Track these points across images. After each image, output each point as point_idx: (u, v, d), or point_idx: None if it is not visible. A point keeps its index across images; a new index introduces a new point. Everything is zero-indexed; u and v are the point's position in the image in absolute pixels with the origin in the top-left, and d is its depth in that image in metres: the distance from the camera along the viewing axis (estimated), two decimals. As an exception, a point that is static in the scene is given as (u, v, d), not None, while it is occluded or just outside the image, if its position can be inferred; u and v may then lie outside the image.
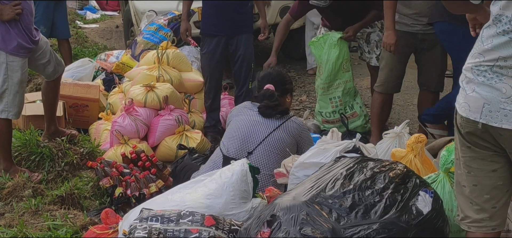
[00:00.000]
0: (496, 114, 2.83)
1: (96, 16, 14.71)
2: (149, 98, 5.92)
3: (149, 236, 3.19)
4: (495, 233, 3.06)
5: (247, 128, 4.58)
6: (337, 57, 5.85)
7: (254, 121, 4.60)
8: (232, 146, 4.51)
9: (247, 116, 4.67)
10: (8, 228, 4.13)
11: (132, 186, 4.66)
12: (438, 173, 3.62)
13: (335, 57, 5.85)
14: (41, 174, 4.97)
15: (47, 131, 5.49)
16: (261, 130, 4.55)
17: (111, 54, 8.04)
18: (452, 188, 3.47)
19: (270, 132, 4.53)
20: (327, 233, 2.91)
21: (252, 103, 4.80)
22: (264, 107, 4.62)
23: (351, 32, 5.91)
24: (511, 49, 2.77)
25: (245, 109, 4.79)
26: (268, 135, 4.51)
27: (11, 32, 4.81)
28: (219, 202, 3.56)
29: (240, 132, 4.58)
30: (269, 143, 4.49)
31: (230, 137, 4.61)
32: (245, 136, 4.54)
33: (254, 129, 4.55)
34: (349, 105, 5.99)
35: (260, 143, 4.47)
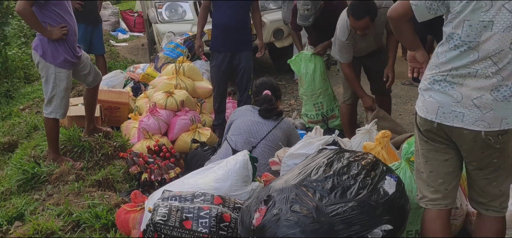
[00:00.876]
0: (448, 116, 2.84)
1: (126, 36, 14.69)
2: (169, 102, 5.91)
3: (169, 212, 3.19)
4: (447, 210, 3.07)
5: (250, 127, 4.58)
6: (314, 70, 5.88)
7: (256, 121, 4.61)
8: (239, 141, 4.50)
9: (250, 117, 4.66)
10: (56, 206, 4.13)
11: (155, 172, 4.68)
12: (400, 162, 3.62)
13: (312, 70, 5.88)
14: (82, 163, 4.97)
15: (87, 128, 5.49)
16: (262, 128, 4.56)
17: (138, 67, 8.04)
18: (412, 173, 3.47)
19: (270, 130, 4.54)
20: (312, 210, 2.92)
21: (253, 107, 4.82)
22: (264, 110, 4.64)
23: (320, 48, 5.93)
24: (461, 61, 2.77)
25: (248, 112, 4.77)
26: (268, 132, 4.53)
27: (59, 49, 4.81)
28: (225, 185, 3.59)
29: (245, 130, 4.58)
30: (269, 139, 4.51)
31: (237, 134, 4.58)
32: (249, 133, 4.55)
33: (256, 128, 4.56)
34: (330, 109, 6.00)
35: (262, 139, 4.48)
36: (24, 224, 3.89)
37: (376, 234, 2.91)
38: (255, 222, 2.99)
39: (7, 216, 4.04)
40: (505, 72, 2.70)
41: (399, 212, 3.05)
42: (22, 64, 9.76)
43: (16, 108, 7.64)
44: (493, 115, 2.75)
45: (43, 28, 4.74)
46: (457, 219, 3.63)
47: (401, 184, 3.14)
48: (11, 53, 9.64)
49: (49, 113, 4.91)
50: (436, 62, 2.91)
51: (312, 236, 2.85)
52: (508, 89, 2.72)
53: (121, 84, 7.32)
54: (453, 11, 2.75)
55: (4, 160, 5.76)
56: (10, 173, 4.96)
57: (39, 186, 4.63)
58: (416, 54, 3.08)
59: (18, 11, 4.75)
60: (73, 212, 3.97)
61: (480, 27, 2.70)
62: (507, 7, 2.63)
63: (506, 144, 2.84)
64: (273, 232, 2.90)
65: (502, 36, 2.66)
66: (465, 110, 2.79)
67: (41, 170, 4.72)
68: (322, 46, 5.93)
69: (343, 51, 5.07)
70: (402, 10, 2.85)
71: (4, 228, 3.90)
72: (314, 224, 2.87)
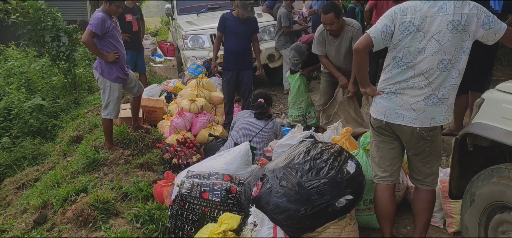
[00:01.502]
0: (393, 116, 2.85)
1: (161, 59, 14.68)
2: (192, 107, 5.90)
3: (192, 186, 3.19)
4: (392, 184, 3.08)
5: (247, 126, 4.55)
6: (299, 85, 5.87)
7: (252, 121, 4.57)
8: (239, 137, 4.46)
9: (247, 119, 4.62)
10: (110, 182, 4.13)
11: (182, 158, 4.66)
12: (359, 150, 3.61)
13: (298, 85, 5.87)
14: (129, 151, 4.96)
15: (133, 126, 5.47)
16: (256, 127, 4.52)
17: (170, 81, 8.02)
18: (367, 158, 3.47)
19: (261, 128, 4.50)
20: (295, 185, 2.92)
21: (250, 111, 4.79)
22: (258, 113, 4.60)
23: (305, 72, 5.92)
24: (402, 76, 2.79)
25: (246, 114, 4.74)
26: (260, 130, 4.49)
27: (112, 69, 4.81)
28: (232, 167, 3.59)
29: (243, 128, 4.53)
30: (261, 135, 4.47)
31: (237, 131, 4.55)
32: (246, 130, 4.51)
33: (252, 126, 4.52)
34: (308, 111, 5.98)
35: (256, 134, 4.45)
36: (87, 195, 3.88)
37: (341, 202, 2.90)
38: (254, 194, 2.99)
39: (75, 189, 4.03)
40: (434, 85, 2.71)
41: (358, 186, 3.04)
42: (86, 79, 9.78)
43: (82, 111, 7.64)
44: (425, 116, 2.76)
45: (101, 53, 4.74)
46: (400, 191, 3.62)
47: (359, 166, 3.13)
48: (78, 72, 9.66)
49: (106, 115, 4.91)
50: (384, 77, 2.92)
51: (295, 204, 2.85)
52: (436, 97, 2.73)
53: (157, 94, 7.30)
54: (396, 41, 2.75)
55: (73, 148, 5.76)
56: (78, 158, 4.95)
57: (98, 167, 4.61)
58: (367, 90, 3.02)
59: (83, 42, 4.74)
60: (122, 186, 3.96)
61: (416, 52, 2.71)
62: (435, 38, 2.65)
63: (435, 136, 2.85)
64: (266, 201, 2.90)
65: (431, 59, 2.67)
66: (405, 112, 2.80)
67: (100, 156, 4.71)
68: (307, 71, 5.92)
69: (317, 45, 5.01)
70: (365, 42, 2.81)
71: (73, 198, 3.90)
72: (297, 195, 2.87)
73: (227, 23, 5.88)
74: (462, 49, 2.66)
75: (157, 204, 3.65)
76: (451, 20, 2.61)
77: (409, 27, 2.69)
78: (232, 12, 5.97)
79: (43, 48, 8.95)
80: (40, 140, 7.16)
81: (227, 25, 5.88)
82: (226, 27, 5.88)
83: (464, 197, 2.72)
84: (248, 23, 5.92)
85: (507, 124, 2.37)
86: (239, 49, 5.91)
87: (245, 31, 5.89)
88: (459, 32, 2.62)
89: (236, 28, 5.85)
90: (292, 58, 5.71)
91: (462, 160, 2.81)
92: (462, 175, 2.84)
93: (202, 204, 3.12)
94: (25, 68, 9.95)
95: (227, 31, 5.90)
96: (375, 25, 2.82)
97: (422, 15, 2.66)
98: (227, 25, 5.88)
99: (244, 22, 5.87)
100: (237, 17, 5.84)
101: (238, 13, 5.81)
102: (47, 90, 9.24)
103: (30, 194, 4.70)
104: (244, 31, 5.89)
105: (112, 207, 3.59)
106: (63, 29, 8.95)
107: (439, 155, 2.98)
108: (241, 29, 5.86)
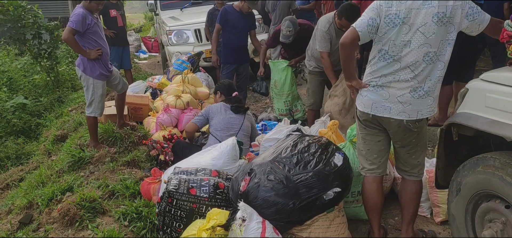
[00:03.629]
0: (380, 109, 2.86)
1: (146, 56, 14.55)
2: (178, 103, 5.85)
3: (179, 183, 3.16)
4: (380, 176, 3.10)
5: (228, 122, 4.43)
6: (285, 77, 5.83)
7: (231, 117, 4.47)
8: (223, 135, 4.31)
9: (226, 115, 4.48)
10: (96, 180, 4.09)
11: (168, 154, 4.63)
12: (346, 143, 3.62)
13: (285, 77, 5.83)
14: (115, 148, 4.90)
15: (118, 123, 5.42)
16: (237, 121, 4.45)
17: (155, 77, 7.92)
18: (354, 151, 3.48)
19: (242, 122, 4.45)
20: (283, 178, 2.91)
21: (225, 105, 4.61)
22: (235, 107, 4.53)
23: (293, 62, 5.85)
24: (388, 69, 2.79)
25: (222, 110, 4.54)
26: (241, 124, 4.43)
27: (95, 66, 4.75)
28: (220, 162, 3.55)
29: (225, 126, 4.41)
30: (243, 129, 4.42)
31: (220, 130, 4.40)
32: (229, 128, 4.40)
33: (233, 122, 4.43)
34: (294, 105, 5.97)
35: (239, 129, 4.40)
36: (73, 194, 3.83)
37: (329, 195, 2.90)
38: (242, 189, 2.96)
39: (61, 188, 3.97)
40: (420, 77, 2.73)
41: (345, 178, 3.04)
42: (69, 77, 9.64)
43: (66, 109, 7.54)
44: (411, 108, 2.78)
45: (83, 51, 4.68)
46: (387, 182, 3.65)
47: (346, 158, 3.13)
48: (61, 69, 9.53)
49: (90, 113, 4.85)
50: (369, 70, 2.92)
51: (283, 198, 2.84)
52: (422, 90, 2.74)
53: (142, 91, 7.23)
54: (382, 33, 2.75)
55: (58, 147, 5.69)
56: (62, 157, 4.89)
57: (84, 166, 4.55)
58: (352, 83, 3.00)
59: (64, 40, 4.68)
60: (109, 185, 3.92)
61: (401, 45, 2.71)
62: (421, 31, 2.66)
63: (421, 128, 2.87)
64: (255, 196, 2.88)
65: (417, 52, 2.68)
66: (391, 105, 2.81)
67: (85, 154, 4.65)
68: (295, 61, 5.85)
69: (323, 40, 4.75)
70: (352, 36, 2.79)
71: (59, 197, 3.85)
72: (285, 189, 2.86)
73: (228, 17, 5.85)
74: (447, 41, 2.68)
75: (145, 201, 3.62)
76: (436, 12, 2.62)
77: (394, 20, 2.69)
78: (233, 6, 5.94)
79: (24, 46, 8.82)
80: (24, 139, 7.05)
81: (228, 18, 5.85)
82: (227, 20, 5.85)
83: (451, 187, 2.74)
84: (248, 18, 5.92)
85: (491, 113, 2.40)
86: (239, 44, 5.94)
87: (245, 26, 5.92)
88: (444, 24, 2.64)
89: (237, 22, 5.84)
90: (285, 28, 5.55)
91: (448, 150, 2.83)
92: (448, 165, 2.86)
93: (190, 200, 3.09)
94: (6, 66, 9.79)
95: (228, 24, 5.87)
96: (360, 18, 2.82)
97: (407, 8, 2.67)
98: (229, 19, 5.84)
99: (245, 17, 5.87)
100: (240, 11, 5.82)
101: (241, 7, 5.78)
102: (30, 89, 9.10)
103: (15, 195, 4.63)
104: (245, 25, 5.91)
105: (99, 205, 3.55)
106: (44, 26, 8.82)
107: (425, 146, 3.00)
108: (242, 23, 5.87)
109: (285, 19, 5.64)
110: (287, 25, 5.52)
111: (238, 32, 5.87)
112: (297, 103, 6.01)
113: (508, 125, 2.27)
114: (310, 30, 5.74)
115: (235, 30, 5.85)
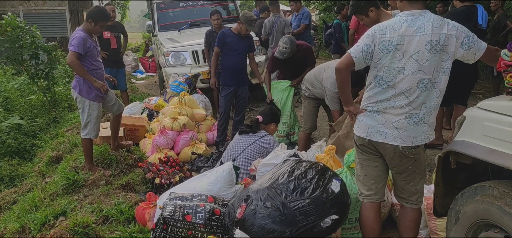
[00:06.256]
0: (375, 134, 2.86)
1: (143, 76, 14.58)
2: (174, 125, 5.86)
3: (174, 209, 3.14)
4: (377, 203, 3.06)
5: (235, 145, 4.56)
6: (287, 98, 5.86)
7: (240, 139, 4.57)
8: (226, 156, 4.46)
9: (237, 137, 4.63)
10: (90, 204, 4.05)
11: (164, 177, 4.59)
12: (343, 168, 3.60)
13: (286, 97, 5.86)
14: (110, 171, 4.87)
15: (112, 145, 5.39)
16: (241, 145, 4.49)
17: (152, 98, 7.95)
18: (351, 176, 3.46)
19: (246, 146, 4.45)
20: (280, 205, 2.89)
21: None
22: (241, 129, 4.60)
23: (295, 82, 5.89)
24: (383, 95, 2.80)
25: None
26: (245, 148, 4.44)
27: (91, 88, 4.76)
28: (216, 187, 3.52)
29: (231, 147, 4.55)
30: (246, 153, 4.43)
31: (227, 150, 4.59)
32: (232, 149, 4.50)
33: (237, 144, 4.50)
34: (292, 126, 5.97)
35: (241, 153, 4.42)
36: (66, 219, 3.78)
37: (326, 222, 2.88)
38: (238, 215, 2.94)
39: (54, 213, 3.93)
40: (415, 104, 2.73)
41: (342, 205, 3.01)
42: (66, 97, 9.62)
43: (62, 130, 7.50)
44: (407, 135, 2.77)
45: (89, 76, 4.70)
46: (385, 208, 3.62)
47: (344, 185, 3.12)
48: (58, 90, 9.52)
49: (85, 135, 4.83)
50: (366, 96, 2.93)
51: (280, 226, 2.81)
52: (417, 116, 2.75)
53: (139, 112, 7.23)
54: (377, 59, 2.76)
55: (53, 169, 5.64)
56: (57, 180, 4.84)
57: (78, 189, 4.52)
58: (350, 108, 3.02)
59: (69, 64, 4.69)
60: (103, 209, 3.89)
61: (395, 71, 2.73)
62: (414, 58, 2.67)
63: (418, 155, 2.86)
64: (251, 223, 2.85)
65: (411, 78, 2.70)
66: (387, 130, 2.81)
67: (80, 177, 4.62)
68: (296, 81, 5.89)
69: (334, 101, 4.79)
70: (347, 62, 2.81)
71: (51, 222, 3.80)
72: (281, 216, 2.83)
73: (226, 40, 5.89)
74: (442, 69, 2.69)
75: (139, 227, 3.58)
76: (429, 40, 2.63)
77: (388, 46, 2.71)
78: (231, 29, 5.98)
79: (22, 66, 8.80)
80: (18, 160, 6.99)
81: (226, 41, 5.88)
82: (226, 43, 5.88)
83: (449, 215, 2.72)
84: (246, 40, 5.96)
85: (489, 141, 2.39)
86: (238, 66, 5.94)
87: (243, 48, 5.94)
88: (438, 52, 2.64)
89: (235, 45, 5.87)
90: (283, 44, 5.56)
91: (446, 177, 2.82)
92: (446, 192, 2.84)
93: (185, 227, 3.06)
94: (2, 86, 9.75)
95: (227, 47, 5.90)
96: (356, 45, 2.84)
97: (400, 35, 2.68)
98: (227, 42, 5.88)
99: (243, 39, 5.90)
100: (238, 33, 5.86)
101: (240, 30, 5.82)
102: (26, 109, 9.05)
103: (7, 218, 4.57)
104: (243, 47, 5.93)
105: (92, 231, 3.51)
106: (42, 46, 8.82)
107: (424, 173, 2.98)
108: (241, 46, 5.90)
109: (284, 36, 5.70)
110: (285, 42, 5.56)
111: (237, 55, 5.90)
112: (295, 125, 6.01)
113: (506, 154, 2.25)
114: (307, 51, 5.81)
115: (234, 52, 5.88)
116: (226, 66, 5.95)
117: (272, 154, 3.96)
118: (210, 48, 7.20)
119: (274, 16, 8.25)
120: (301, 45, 5.84)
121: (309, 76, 5.17)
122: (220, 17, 7.28)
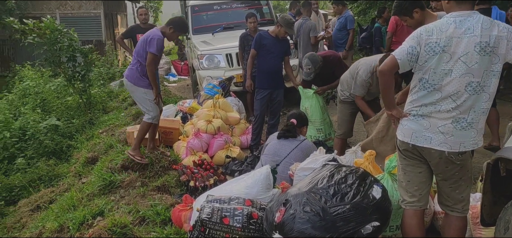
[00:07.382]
0: (420, 139, 2.80)
1: (176, 79, 14.75)
2: (209, 127, 5.89)
3: (212, 211, 3.14)
4: (421, 210, 2.99)
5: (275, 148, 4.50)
6: (315, 104, 5.83)
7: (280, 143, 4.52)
8: (267, 160, 4.38)
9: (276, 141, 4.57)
10: (127, 205, 4.10)
11: (199, 180, 4.61)
12: (384, 174, 3.53)
13: (314, 104, 5.83)
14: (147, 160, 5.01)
15: (148, 147, 5.44)
16: (284, 149, 4.44)
17: (185, 101, 8.03)
18: (392, 183, 3.39)
19: (290, 150, 4.39)
20: (319, 210, 2.85)
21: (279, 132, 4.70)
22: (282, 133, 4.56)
23: (319, 90, 5.89)
24: (428, 99, 2.74)
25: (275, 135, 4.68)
26: (289, 153, 4.38)
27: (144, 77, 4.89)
28: (253, 191, 3.51)
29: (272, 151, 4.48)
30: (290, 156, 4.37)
31: (266, 155, 4.52)
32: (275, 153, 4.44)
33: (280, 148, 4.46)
34: (328, 133, 5.91)
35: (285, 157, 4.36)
36: (104, 219, 3.85)
37: (367, 229, 2.82)
38: (277, 220, 2.92)
39: (92, 212, 4.01)
40: (462, 108, 2.66)
41: (384, 212, 2.95)
42: (101, 99, 9.86)
43: (97, 132, 7.66)
44: (453, 140, 2.70)
45: (156, 84, 4.98)
46: (427, 217, 3.53)
47: (385, 191, 3.05)
48: (93, 92, 9.76)
49: (148, 119, 5.01)
50: (410, 99, 2.88)
51: (320, 231, 2.78)
52: (464, 121, 2.67)
53: (173, 115, 7.31)
54: (422, 62, 2.70)
55: (88, 170, 5.76)
56: (93, 180, 4.94)
57: (114, 190, 4.60)
58: (393, 112, 2.97)
59: (148, 65, 4.83)
60: (139, 210, 3.93)
61: (442, 74, 2.67)
62: (462, 60, 2.60)
63: (465, 161, 2.77)
64: (290, 228, 2.83)
65: (458, 81, 2.63)
66: (432, 135, 2.74)
67: (116, 178, 4.69)
68: (321, 89, 5.89)
69: (361, 87, 4.81)
70: (391, 64, 2.76)
71: (90, 222, 3.88)
72: (321, 222, 2.80)
73: (264, 42, 5.89)
74: (492, 72, 2.60)
75: (176, 228, 3.60)
76: (478, 42, 2.56)
77: (434, 48, 2.64)
78: (268, 32, 6.00)
79: (59, 68, 9.06)
80: (55, 161, 7.20)
81: (264, 43, 5.89)
82: (263, 45, 5.89)
83: (498, 225, 2.63)
84: (283, 43, 5.96)
85: (543, 148, 2.30)
86: (274, 68, 5.94)
87: (280, 51, 5.92)
88: (488, 54, 2.56)
89: (272, 47, 5.87)
90: (305, 66, 5.63)
91: (495, 185, 2.72)
92: (494, 201, 2.75)
93: (223, 229, 3.06)
94: (40, 88, 10.08)
95: (264, 50, 5.90)
96: (401, 47, 2.78)
97: (448, 36, 2.62)
98: (264, 44, 5.89)
99: (280, 42, 5.91)
100: (276, 36, 5.86)
101: (278, 32, 5.82)
102: (62, 110, 9.33)
103: (45, 217, 4.70)
104: (279, 50, 5.92)
105: (129, 231, 3.56)
106: (79, 49, 9.06)
107: (470, 180, 2.89)
108: (277, 48, 5.89)
109: (305, 57, 5.71)
110: (306, 63, 5.61)
111: (274, 57, 5.88)
112: (330, 130, 5.95)
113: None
114: (336, 60, 5.77)
115: (271, 55, 5.86)
116: (262, 69, 5.94)
117: (310, 158, 3.93)
118: (244, 51, 7.22)
119: (303, 18, 8.23)
120: (328, 57, 5.80)
121: (344, 77, 5.14)
122: (256, 20, 7.29)
